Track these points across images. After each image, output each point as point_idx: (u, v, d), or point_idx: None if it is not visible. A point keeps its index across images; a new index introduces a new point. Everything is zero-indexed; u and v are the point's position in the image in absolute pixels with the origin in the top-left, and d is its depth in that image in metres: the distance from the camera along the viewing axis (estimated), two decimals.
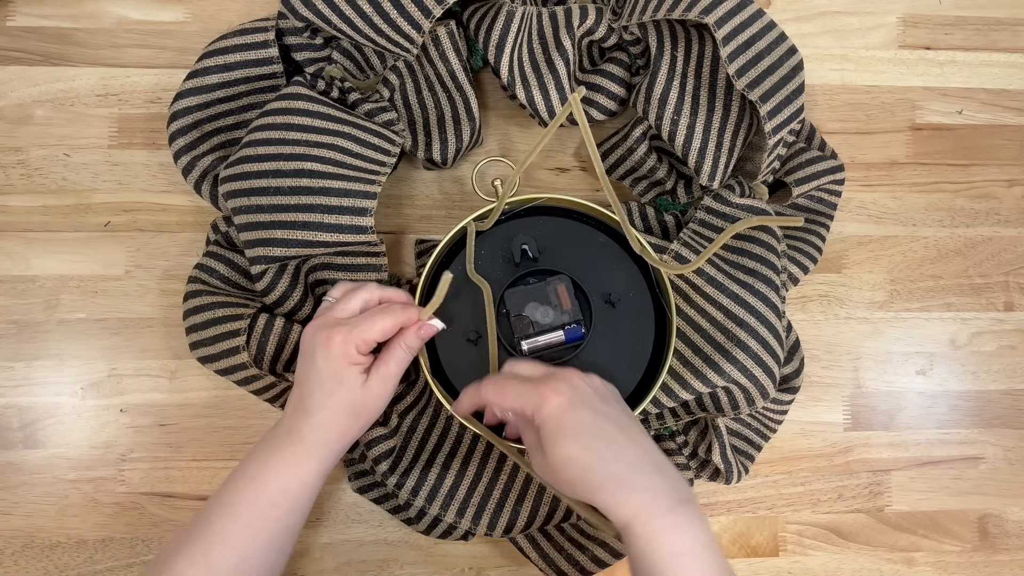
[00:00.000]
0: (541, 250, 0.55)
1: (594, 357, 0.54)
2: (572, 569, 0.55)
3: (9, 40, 0.60)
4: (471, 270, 0.54)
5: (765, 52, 0.53)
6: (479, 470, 0.55)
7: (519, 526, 0.54)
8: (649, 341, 0.55)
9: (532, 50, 0.57)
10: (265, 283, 0.53)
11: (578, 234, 0.56)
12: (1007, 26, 0.66)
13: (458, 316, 0.54)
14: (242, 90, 0.57)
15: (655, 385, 0.53)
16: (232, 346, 0.52)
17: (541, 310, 0.53)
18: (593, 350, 0.54)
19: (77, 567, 0.57)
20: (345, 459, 0.58)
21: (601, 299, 0.55)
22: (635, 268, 0.56)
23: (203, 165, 0.56)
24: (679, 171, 0.60)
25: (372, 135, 0.55)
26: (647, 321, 0.55)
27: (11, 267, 0.59)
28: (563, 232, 0.56)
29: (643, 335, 0.55)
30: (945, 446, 0.63)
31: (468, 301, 0.54)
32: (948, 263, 0.64)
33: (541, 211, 0.57)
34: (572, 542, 0.56)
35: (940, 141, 0.65)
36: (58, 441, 0.58)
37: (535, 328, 0.53)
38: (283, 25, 0.56)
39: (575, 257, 0.55)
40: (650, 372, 0.54)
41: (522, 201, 0.56)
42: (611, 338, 0.54)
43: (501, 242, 0.56)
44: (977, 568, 0.62)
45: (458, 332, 0.55)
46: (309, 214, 0.51)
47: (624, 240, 0.55)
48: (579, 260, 0.55)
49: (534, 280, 0.55)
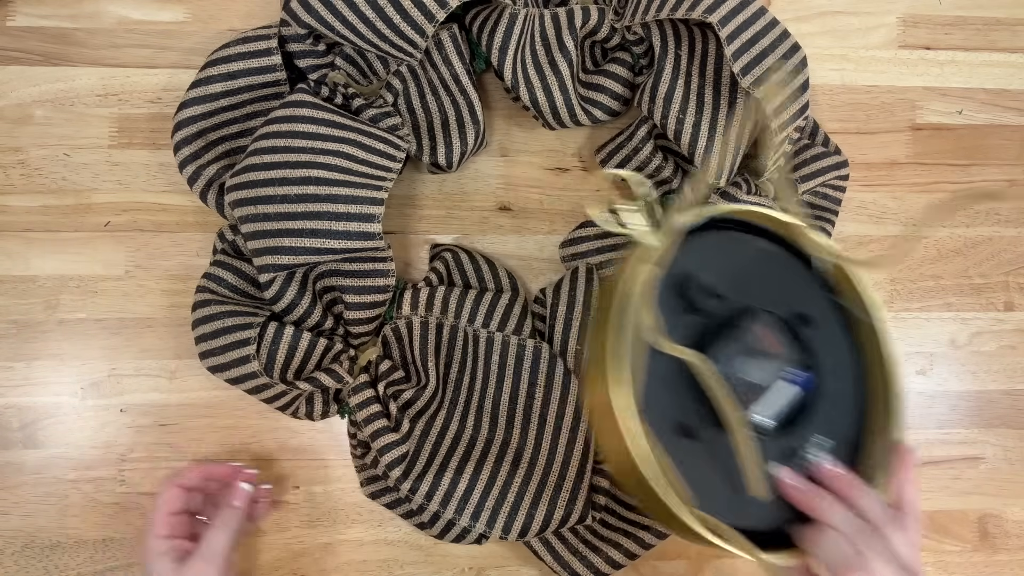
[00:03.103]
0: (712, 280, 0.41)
1: (829, 406, 0.42)
2: (587, 571, 0.55)
3: (9, 40, 0.60)
4: (666, 342, 0.39)
5: (769, 49, 0.53)
6: (493, 473, 0.55)
7: (534, 529, 0.53)
8: (850, 361, 0.43)
9: (535, 52, 0.57)
10: (273, 291, 0.53)
11: (732, 246, 0.44)
12: (1007, 26, 0.66)
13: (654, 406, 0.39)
14: (246, 98, 0.56)
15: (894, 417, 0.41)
16: (242, 355, 0.52)
17: (754, 364, 0.40)
18: (819, 393, 0.42)
19: (77, 567, 0.57)
20: (357, 464, 0.58)
21: (799, 323, 0.42)
22: (805, 272, 0.44)
23: (208, 174, 0.56)
24: (685, 170, 0.60)
25: (377, 140, 0.54)
26: (840, 337, 0.43)
27: (11, 267, 0.59)
28: (717, 248, 0.43)
29: (843, 356, 0.43)
30: (945, 446, 0.63)
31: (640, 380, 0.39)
32: (948, 263, 0.64)
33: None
34: (586, 544, 0.55)
35: (940, 141, 0.65)
36: (58, 441, 0.58)
37: (755, 390, 0.40)
38: (285, 32, 0.56)
39: (743, 278, 0.43)
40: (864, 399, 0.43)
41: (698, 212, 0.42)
42: (829, 369, 0.43)
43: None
44: (977, 568, 0.62)
45: (662, 428, 0.39)
46: (317, 221, 0.51)
47: (778, 241, 0.44)
48: (749, 281, 0.42)
49: (706, 320, 0.41)
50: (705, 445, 0.40)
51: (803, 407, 0.41)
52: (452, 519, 0.54)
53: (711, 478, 0.40)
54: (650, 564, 0.60)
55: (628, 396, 0.37)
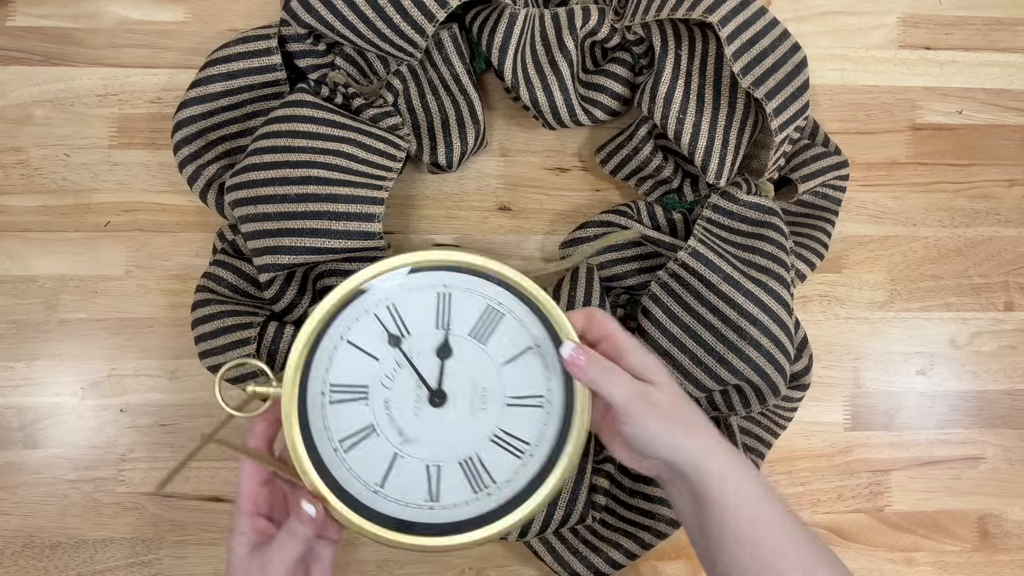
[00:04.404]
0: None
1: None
2: (587, 571, 0.55)
3: (9, 40, 0.60)
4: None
5: (769, 49, 0.53)
6: None
7: (534, 529, 0.53)
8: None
9: (535, 52, 0.57)
10: (274, 291, 0.53)
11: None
12: (1007, 26, 0.66)
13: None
14: (246, 98, 0.56)
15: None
16: (242, 354, 0.52)
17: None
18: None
19: (77, 567, 0.57)
20: None
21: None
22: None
23: (208, 174, 0.56)
24: (685, 169, 0.60)
25: (377, 140, 0.54)
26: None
27: (11, 267, 0.59)
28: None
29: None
30: (945, 446, 0.63)
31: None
32: (948, 263, 0.64)
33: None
34: (586, 544, 0.56)
35: (940, 141, 0.65)
36: (58, 441, 0.58)
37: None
38: (285, 32, 0.56)
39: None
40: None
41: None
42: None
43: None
44: (977, 568, 0.62)
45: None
46: (317, 221, 0.51)
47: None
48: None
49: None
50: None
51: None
52: None
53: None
54: (650, 564, 0.60)
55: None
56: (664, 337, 0.54)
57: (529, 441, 0.47)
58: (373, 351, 0.48)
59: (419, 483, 0.47)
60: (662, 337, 0.54)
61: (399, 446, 0.47)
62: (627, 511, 0.56)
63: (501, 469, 0.47)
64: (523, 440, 0.48)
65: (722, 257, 0.54)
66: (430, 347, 0.48)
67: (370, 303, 0.48)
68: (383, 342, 0.48)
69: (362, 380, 0.47)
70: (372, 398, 0.47)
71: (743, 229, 0.57)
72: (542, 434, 0.47)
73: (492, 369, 0.48)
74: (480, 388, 0.48)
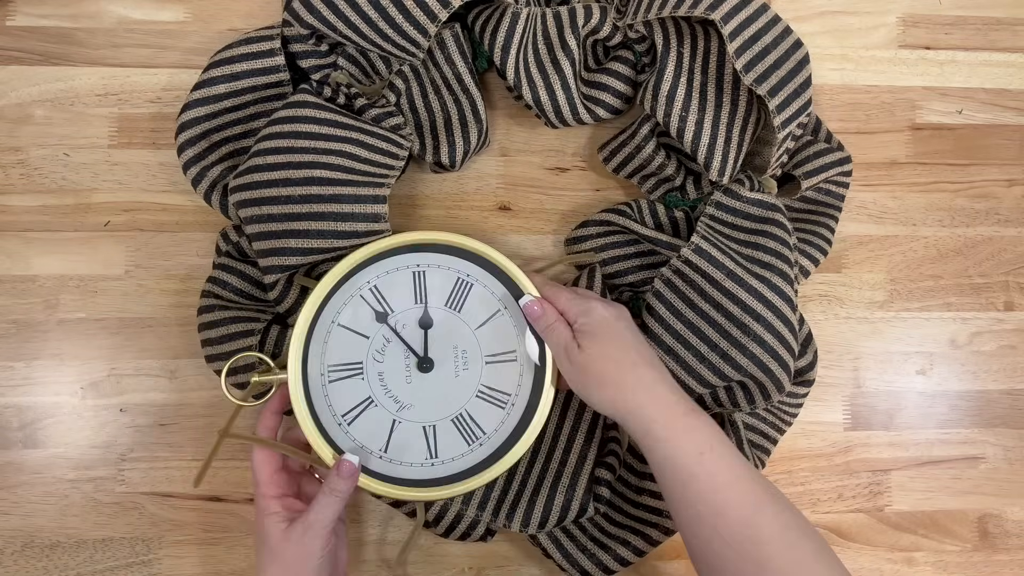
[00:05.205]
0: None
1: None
2: (596, 569, 0.55)
3: (9, 40, 0.60)
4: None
5: (771, 46, 0.53)
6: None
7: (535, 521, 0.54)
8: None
9: (537, 51, 0.57)
10: (276, 293, 0.54)
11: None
12: (1007, 26, 0.66)
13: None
14: (249, 99, 0.56)
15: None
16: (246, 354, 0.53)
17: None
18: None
19: (77, 567, 0.57)
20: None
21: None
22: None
23: (213, 175, 0.56)
24: (687, 167, 0.60)
25: (380, 140, 0.55)
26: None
27: (11, 267, 0.58)
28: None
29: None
30: (945, 446, 0.63)
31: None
32: (948, 263, 0.64)
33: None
34: (595, 541, 0.56)
35: (940, 141, 0.65)
36: (58, 441, 0.58)
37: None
38: (287, 32, 0.56)
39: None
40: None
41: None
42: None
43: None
44: (977, 568, 0.62)
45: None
46: (322, 222, 0.51)
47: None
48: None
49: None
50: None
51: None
52: (460, 511, 0.54)
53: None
54: (650, 564, 0.60)
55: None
56: (668, 333, 0.54)
57: (509, 392, 0.53)
58: (362, 330, 0.52)
59: (419, 443, 0.52)
60: (666, 333, 0.54)
61: (396, 412, 0.52)
62: (635, 508, 0.56)
63: (489, 420, 0.53)
64: (504, 392, 0.53)
65: (725, 253, 0.54)
66: (413, 320, 0.53)
67: (354, 288, 0.52)
68: (371, 320, 0.53)
69: (356, 357, 0.52)
70: (367, 372, 0.52)
71: (746, 226, 0.57)
72: (519, 384, 0.53)
73: (469, 333, 0.53)
74: (461, 351, 0.53)
